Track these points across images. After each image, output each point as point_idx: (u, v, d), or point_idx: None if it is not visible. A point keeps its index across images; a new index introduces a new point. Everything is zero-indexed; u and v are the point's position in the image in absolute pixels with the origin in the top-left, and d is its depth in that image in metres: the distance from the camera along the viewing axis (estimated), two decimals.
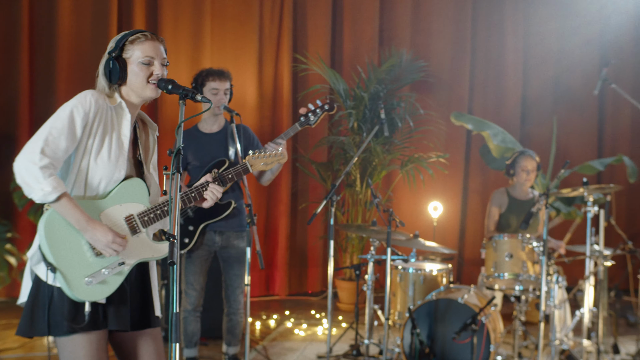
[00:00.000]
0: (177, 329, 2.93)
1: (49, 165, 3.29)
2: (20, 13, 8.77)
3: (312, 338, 7.64)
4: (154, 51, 3.54)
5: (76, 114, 3.39)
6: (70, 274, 3.35)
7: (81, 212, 3.35)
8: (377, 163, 9.08)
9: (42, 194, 3.28)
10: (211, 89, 5.76)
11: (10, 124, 8.83)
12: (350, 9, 9.86)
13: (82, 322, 3.37)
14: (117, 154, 3.49)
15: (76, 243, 3.39)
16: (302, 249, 9.99)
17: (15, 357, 6.76)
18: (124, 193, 3.50)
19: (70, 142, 3.37)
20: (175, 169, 3.08)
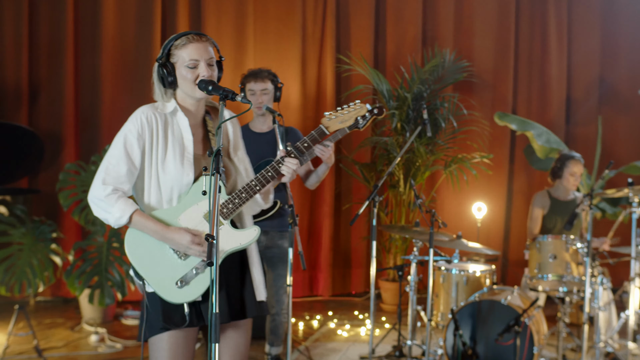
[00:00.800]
0: (217, 330, 2.94)
1: (112, 192, 3.51)
2: (65, 15, 8.86)
3: (355, 339, 7.63)
4: (198, 53, 3.57)
5: (130, 137, 3.55)
6: (162, 282, 3.51)
7: (155, 223, 3.51)
8: (421, 164, 9.05)
9: (114, 220, 3.50)
10: (248, 90, 5.80)
11: (56, 124, 8.93)
12: (393, 9, 9.84)
13: (183, 323, 3.53)
14: (181, 158, 3.57)
15: (161, 251, 3.55)
16: (345, 249, 9.98)
17: (59, 355, 6.83)
18: (198, 192, 3.57)
19: (130, 164, 3.55)
20: (215, 170, 3.09)
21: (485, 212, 9.52)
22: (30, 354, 6.76)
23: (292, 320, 8.06)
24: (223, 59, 3.74)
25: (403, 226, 7.26)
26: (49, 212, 8.69)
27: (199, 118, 3.73)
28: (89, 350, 7.01)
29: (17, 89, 8.83)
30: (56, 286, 8.90)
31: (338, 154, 9.64)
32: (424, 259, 6.30)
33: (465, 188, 9.47)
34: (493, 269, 6.84)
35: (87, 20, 9.03)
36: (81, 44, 9.07)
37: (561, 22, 10.18)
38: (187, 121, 3.64)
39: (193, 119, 3.69)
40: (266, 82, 5.81)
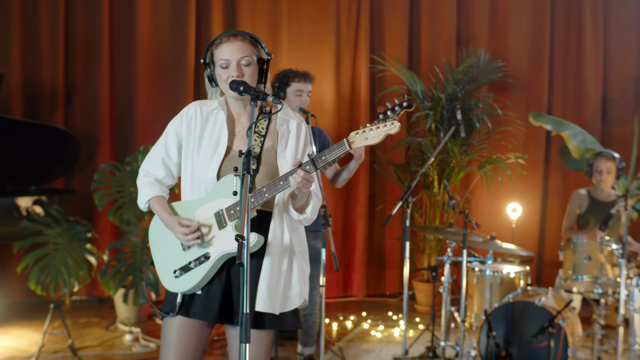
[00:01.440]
0: (248, 330, 2.94)
1: (144, 176, 3.82)
2: (100, 16, 8.94)
3: (389, 340, 7.62)
4: (229, 53, 3.57)
5: (171, 127, 3.78)
6: (164, 268, 3.69)
7: (163, 212, 3.69)
8: (455, 164, 9.02)
9: (139, 202, 3.83)
10: (296, 90, 5.77)
11: (92, 125, 9.00)
12: (428, 9, 9.81)
13: (173, 311, 3.62)
14: (211, 154, 3.61)
15: (171, 240, 3.69)
16: (379, 250, 9.97)
17: (94, 354, 6.87)
18: (219, 190, 3.58)
19: (165, 155, 3.78)
20: (246, 170, 3.08)
21: (520, 213, 9.46)
22: (65, 352, 6.82)
23: (325, 321, 8.11)
24: (271, 56, 3.68)
25: (437, 227, 7.24)
26: (84, 212, 8.76)
27: (246, 114, 3.74)
28: (124, 349, 7.05)
29: (53, 90, 8.91)
30: (91, 286, 8.97)
31: (372, 154, 9.63)
32: (458, 260, 6.28)
33: (500, 189, 9.43)
34: (527, 270, 6.80)
35: (122, 22, 9.10)
36: (116, 45, 9.14)
37: (597, 20, 10.09)
38: (224, 117, 3.68)
39: (237, 115, 3.73)
40: (310, 85, 5.81)
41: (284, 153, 3.67)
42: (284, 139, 3.70)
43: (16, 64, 8.79)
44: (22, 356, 6.80)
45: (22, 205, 7.61)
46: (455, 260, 6.36)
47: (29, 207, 7.67)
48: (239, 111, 3.73)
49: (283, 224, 3.62)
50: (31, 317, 8.18)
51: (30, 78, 8.91)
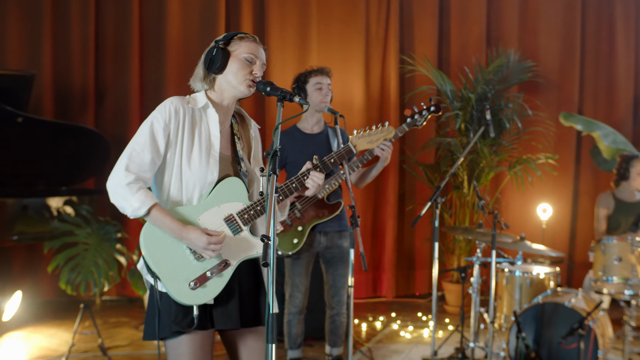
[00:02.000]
0: (274, 330, 2.93)
1: (134, 180, 3.38)
2: (130, 17, 8.99)
3: (418, 340, 7.60)
4: (258, 53, 3.58)
5: (156, 125, 3.46)
6: (175, 281, 3.40)
7: (173, 220, 3.40)
8: (485, 165, 8.98)
9: (132, 209, 3.37)
10: (315, 84, 5.72)
11: (121, 126, 9.06)
12: (457, 9, 9.78)
13: (191, 326, 3.41)
14: (207, 156, 3.51)
15: (178, 249, 3.44)
16: (409, 250, 9.94)
17: (124, 354, 6.90)
18: (221, 194, 3.50)
19: (155, 153, 3.43)
20: (272, 171, 3.06)
21: (551, 213, 9.40)
22: (95, 352, 6.85)
23: (355, 322, 8.10)
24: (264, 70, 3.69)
25: (466, 228, 7.20)
26: (114, 212, 8.75)
27: (228, 117, 3.69)
28: (153, 349, 7.07)
29: (84, 91, 8.97)
30: (121, 286, 9.02)
31: (401, 154, 9.62)
32: (487, 261, 6.25)
33: (530, 189, 9.38)
34: (557, 271, 6.76)
35: (152, 23, 9.15)
36: (146, 47, 9.20)
37: (629, 19, 10.01)
38: (217, 118, 3.58)
39: (222, 115, 3.65)
40: (328, 79, 5.78)
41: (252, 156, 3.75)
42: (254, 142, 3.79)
43: (47, 66, 8.85)
44: (53, 355, 6.84)
45: (53, 206, 7.66)
46: (485, 261, 6.33)
47: (59, 207, 7.72)
48: (224, 110, 3.66)
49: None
50: (62, 317, 8.24)
51: (61, 79, 8.98)
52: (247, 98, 3.65)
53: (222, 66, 3.56)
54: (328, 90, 5.74)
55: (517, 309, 6.23)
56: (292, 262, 5.83)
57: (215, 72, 3.59)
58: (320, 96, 5.70)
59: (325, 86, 5.72)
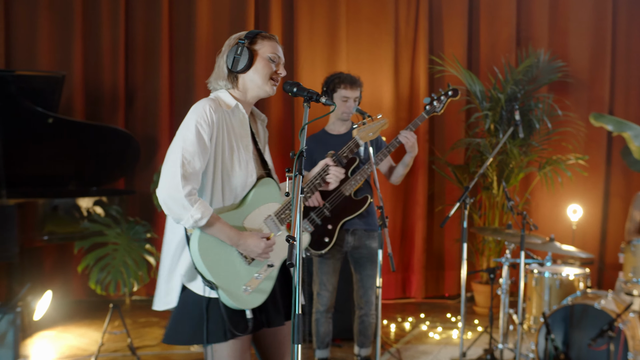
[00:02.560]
0: (299, 331, 2.94)
1: (192, 191, 3.35)
2: (160, 18, 9.04)
3: (447, 341, 7.57)
4: (280, 52, 3.61)
5: (202, 130, 3.42)
6: (230, 287, 3.45)
7: (230, 228, 3.43)
8: (514, 165, 8.94)
9: (193, 221, 3.33)
10: (342, 97, 5.72)
11: (151, 126, 9.11)
12: (487, 9, 9.73)
13: (243, 328, 3.47)
14: (246, 158, 3.54)
15: (229, 256, 3.48)
16: (438, 251, 9.91)
17: (152, 354, 6.94)
18: (258, 196, 3.54)
19: (203, 160, 3.42)
20: (298, 171, 3.06)
21: (581, 214, 9.33)
22: (124, 351, 6.90)
23: (383, 322, 8.09)
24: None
25: (495, 228, 7.18)
26: (144, 212, 8.85)
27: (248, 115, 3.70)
28: (182, 349, 7.10)
29: (114, 92, 9.03)
30: (151, 286, 9.05)
31: (431, 155, 9.60)
32: (516, 262, 6.23)
33: (560, 190, 9.32)
34: (587, 272, 6.72)
35: (181, 24, 9.20)
36: (176, 47, 9.24)
37: None
38: (247, 118, 3.60)
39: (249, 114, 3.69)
40: (358, 90, 5.78)
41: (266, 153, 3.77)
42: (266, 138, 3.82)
43: (78, 67, 8.91)
44: (83, 354, 6.90)
45: (83, 206, 7.71)
46: (514, 262, 6.31)
47: (89, 207, 7.77)
48: (249, 109, 3.70)
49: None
50: (92, 316, 8.29)
51: (92, 80, 9.04)
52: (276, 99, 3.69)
53: (247, 65, 3.55)
54: (353, 102, 5.75)
55: (546, 311, 6.20)
56: (321, 261, 5.84)
57: (240, 72, 3.58)
58: (344, 108, 5.73)
59: (351, 100, 5.73)
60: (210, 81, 3.71)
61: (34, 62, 8.84)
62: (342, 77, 5.78)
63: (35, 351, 7.07)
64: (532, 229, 5.68)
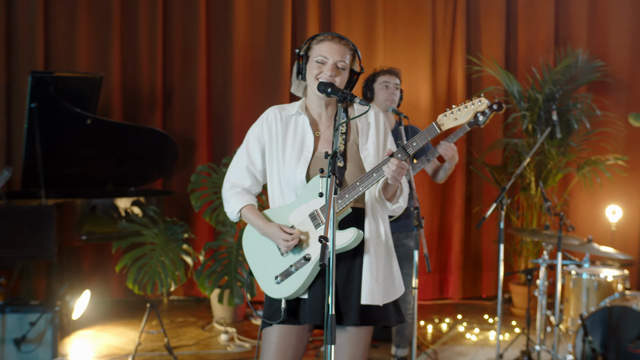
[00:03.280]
0: (333, 331, 2.93)
1: (230, 187, 3.84)
2: (197, 19, 9.08)
3: (484, 343, 7.54)
4: (330, 52, 3.59)
5: (251, 135, 3.81)
6: (265, 276, 3.67)
7: (258, 219, 3.69)
8: (552, 166, 8.88)
9: (229, 213, 3.82)
10: (382, 82, 5.74)
11: (189, 127, 9.14)
12: (525, 9, 9.66)
13: (277, 318, 3.59)
14: (297, 158, 3.62)
15: (268, 247, 3.69)
16: (476, 252, 9.87)
17: (189, 353, 6.97)
18: (309, 192, 3.59)
19: (249, 162, 3.80)
20: (332, 172, 3.08)
21: (621, 215, 9.25)
22: (161, 351, 6.93)
23: (420, 323, 8.07)
24: (362, 70, 3.72)
25: (533, 229, 7.14)
26: (181, 213, 8.89)
27: (329, 116, 3.74)
28: (219, 349, 7.13)
29: (152, 93, 9.07)
30: (188, 286, 9.10)
31: (468, 155, 9.56)
32: (553, 263, 6.19)
33: (599, 191, 9.24)
34: (626, 274, 6.66)
35: (219, 25, 9.23)
36: (213, 48, 9.27)
37: None
38: (308, 121, 3.69)
39: (320, 118, 3.74)
40: (397, 79, 5.78)
41: (366, 145, 3.69)
42: (364, 132, 3.73)
43: (116, 68, 8.97)
44: (120, 354, 6.94)
45: (121, 206, 7.76)
46: (551, 264, 6.27)
47: (127, 207, 7.82)
48: (319, 112, 3.73)
49: (377, 218, 3.66)
50: (130, 316, 8.35)
51: (130, 81, 9.10)
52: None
53: (303, 72, 3.69)
54: (395, 89, 5.74)
55: (584, 312, 6.16)
56: None
57: (300, 79, 3.71)
58: (385, 94, 5.71)
59: (392, 85, 5.73)
60: (292, 91, 3.88)
61: (73, 63, 8.91)
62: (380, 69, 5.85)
63: (74, 350, 7.13)
64: (569, 230, 5.65)
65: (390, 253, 3.71)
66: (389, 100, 5.74)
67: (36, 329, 6.33)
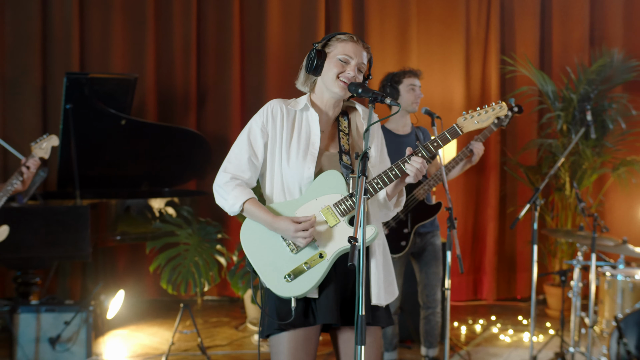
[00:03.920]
0: (363, 332, 2.94)
1: (230, 179, 3.59)
2: (231, 20, 9.12)
3: (518, 344, 7.50)
4: (354, 52, 3.58)
5: (254, 126, 3.65)
6: (272, 274, 3.48)
7: (265, 213, 3.52)
8: (587, 166, 8.82)
9: (228, 207, 3.59)
10: (409, 85, 5.74)
11: (223, 128, 9.18)
12: (559, 8, 9.59)
13: (288, 318, 3.45)
14: (304, 153, 3.57)
15: (275, 243, 3.52)
16: (510, 253, 9.81)
17: (223, 354, 6.99)
18: (318, 187, 3.53)
19: (252, 154, 3.62)
20: (361, 172, 3.06)
21: None
22: (194, 351, 6.96)
23: (454, 324, 8.05)
24: (370, 77, 3.70)
25: (567, 230, 7.09)
26: (215, 213, 8.88)
27: (332, 115, 3.72)
28: (253, 349, 7.15)
29: (186, 94, 9.12)
30: (222, 286, 9.13)
31: (503, 156, 9.52)
32: (587, 264, 6.15)
33: (635, 191, 9.17)
34: None
35: (252, 26, 9.26)
36: (247, 49, 9.31)
37: None
38: (317, 117, 3.64)
39: (325, 116, 3.69)
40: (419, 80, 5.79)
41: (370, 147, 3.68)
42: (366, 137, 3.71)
43: (150, 68, 9.03)
44: (154, 353, 6.98)
45: (155, 207, 7.80)
46: (585, 265, 6.23)
47: (161, 208, 7.87)
48: (325, 110, 3.69)
49: (378, 220, 3.67)
50: (164, 316, 8.40)
51: (164, 82, 9.15)
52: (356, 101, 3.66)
53: (318, 68, 3.61)
54: (419, 91, 5.76)
55: (618, 314, 6.10)
56: None
57: (314, 74, 3.64)
58: (412, 97, 5.72)
59: (417, 88, 5.74)
60: (297, 85, 3.82)
61: (108, 64, 8.97)
62: (404, 69, 5.86)
63: (108, 349, 7.18)
64: (603, 231, 5.61)
65: (387, 255, 3.72)
66: (415, 103, 5.77)
67: (71, 328, 6.38)
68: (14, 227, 5.98)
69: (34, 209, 6.89)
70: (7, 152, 7.69)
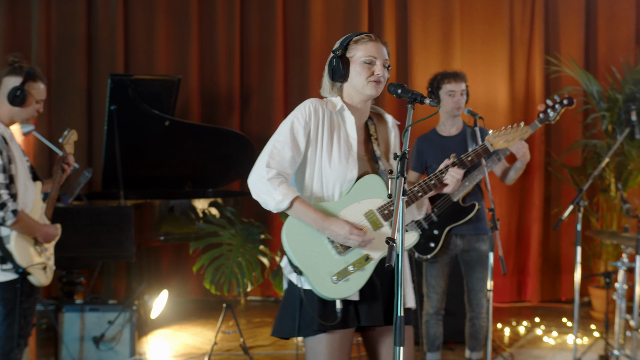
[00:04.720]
0: (402, 333, 2.94)
1: (276, 175, 3.48)
2: (274, 21, 9.16)
3: (562, 347, 7.44)
4: (377, 52, 3.59)
5: (297, 123, 3.54)
6: (317, 275, 3.46)
7: (315, 212, 3.47)
8: (633, 167, 8.73)
9: (275, 203, 3.47)
10: (448, 91, 5.70)
11: (266, 129, 9.19)
12: (605, 8, 9.51)
13: (333, 320, 3.45)
14: (346, 155, 3.56)
15: (319, 243, 3.50)
16: (555, 254, 9.74)
17: (266, 354, 7.01)
18: (360, 191, 3.54)
19: (295, 151, 3.53)
20: (400, 173, 3.05)
21: None
22: (237, 351, 6.99)
23: (498, 326, 8.00)
24: (390, 68, 3.67)
25: (612, 232, 7.04)
26: (258, 214, 8.91)
27: (363, 119, 3.72)
28: (294, 349, 7.15)
29: (230, 95, 9.17)
30: (266, 286, 9.17)
31: (547, 157, 9.45)
32: (632, 266, 6.09)
33: None
34: None
35: (295, 26, 9.29)
36: (290, 49, 9.34)
37: None
38: (354, 120, 3.63)
39: (358, 119, 3.67)
40: (463, 83, 5.74)
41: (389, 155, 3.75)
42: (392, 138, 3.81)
43: (194, 70, 9.09)
44: (197, 353, 7.03)
45: (198, 207, 7.84)
46: (630, 266, 6.17)
47: (205, 208, 7.90)
48: (358, 113, 3.68)
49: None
50: (207, 316, 8.45)
51: (208, 83, 9.21)
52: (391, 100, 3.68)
53: (345, 74, 3.60)
54: (460, 96, 5.70)
55: None
56: (428, 265, 5.81)
57: (340, 81, 3.63)
58: (452, 103, 5.68)
59: (457, 93, 5.68)
60: (322, 94, 3.78)
61: (152, 66, 9.05)
62: (445, 73, 5.78)
63: (151, 349, 7.24)
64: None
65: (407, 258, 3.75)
66: (455, 109, 5.72)
67: (114, 327, 6.44)
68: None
69: (79, 209, 6.96)
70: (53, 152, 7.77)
